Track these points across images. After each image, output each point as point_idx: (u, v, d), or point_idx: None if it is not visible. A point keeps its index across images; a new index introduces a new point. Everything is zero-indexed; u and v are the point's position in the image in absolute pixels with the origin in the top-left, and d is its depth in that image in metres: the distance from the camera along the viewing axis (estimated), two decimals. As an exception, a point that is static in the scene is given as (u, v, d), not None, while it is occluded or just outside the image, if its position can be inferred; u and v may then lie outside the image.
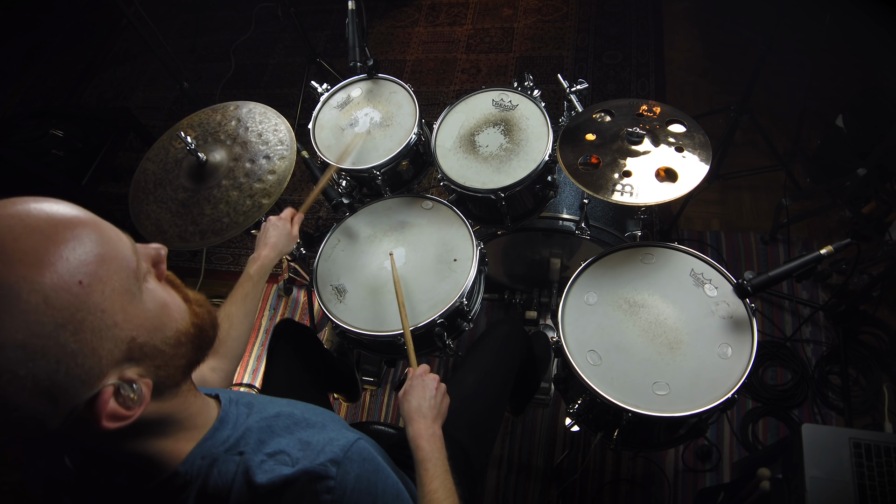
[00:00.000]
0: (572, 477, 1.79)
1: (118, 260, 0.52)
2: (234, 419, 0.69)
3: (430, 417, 1.02)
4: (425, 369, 1.10)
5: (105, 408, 0.50)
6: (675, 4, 2.97)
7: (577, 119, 1.42)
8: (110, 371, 0.51)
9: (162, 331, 0.56)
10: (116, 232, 0.54)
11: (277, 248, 1.25)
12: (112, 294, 0.51)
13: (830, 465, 1.19)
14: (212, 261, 2.55)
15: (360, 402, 2.04)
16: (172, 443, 0.63)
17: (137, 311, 0.53)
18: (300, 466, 0.65)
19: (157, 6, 3.63)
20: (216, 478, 0.63)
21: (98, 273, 0.50)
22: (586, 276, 1.33)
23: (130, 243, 0.55)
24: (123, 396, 0.52)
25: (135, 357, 0.53)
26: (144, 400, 0.54)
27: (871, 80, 2.31)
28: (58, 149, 2.34)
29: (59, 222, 0.49)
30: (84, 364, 0.48)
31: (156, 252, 0.60)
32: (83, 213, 0.52)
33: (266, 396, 0.86)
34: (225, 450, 0.65)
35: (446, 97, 2.88)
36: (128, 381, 0.52)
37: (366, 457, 0.71)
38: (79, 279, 0.48)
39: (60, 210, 0.51)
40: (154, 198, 1.45)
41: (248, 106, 1.55)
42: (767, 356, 1.88)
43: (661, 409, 1.11)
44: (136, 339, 0.53)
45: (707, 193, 2.28)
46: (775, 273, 1.17)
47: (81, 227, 0.50)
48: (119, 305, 0.51)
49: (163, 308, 0.57)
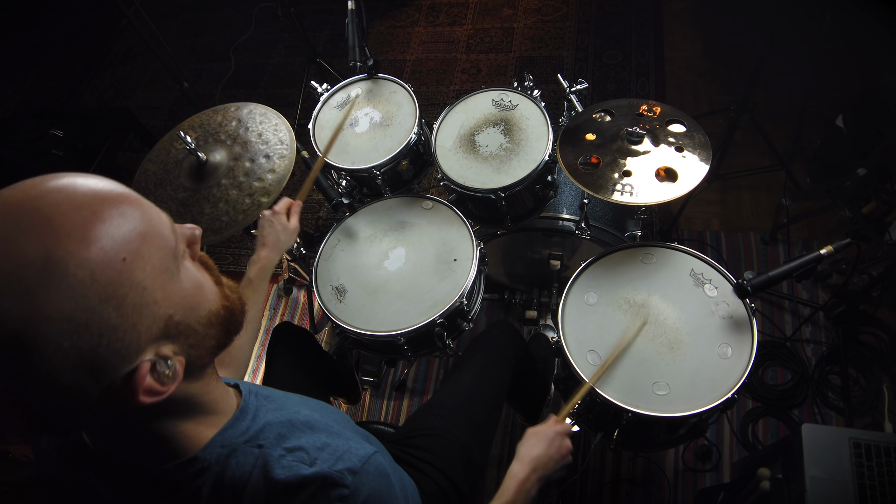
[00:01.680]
0: (572, 477, 1.79)
1: (159, 238, 0.53)
2: (254, 410, 0.70)
3: (538, 473, 1.01)
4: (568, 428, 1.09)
5: (142, 382, 0.51)
6: (675, 4, 2.97)
7: (577, 119, 1.42)
8: (148, 347, 0.52)
9: (196, 310, 0.57)
10: (157, 211, 0.55)
11: (277, 246, 1.22)
12: (153, 272, 0.51)
13: (830, 465, 1.19)
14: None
15: (361, 402, 2.04)
16: (194, 426, 0.63)
17: (175, 289, 0.54)
18: (317, 469, 0.65)
19: (157, 6, 3.63)
20: (234, 468, 0.64)
21: (140, 250, 0.50)
22: (586, 276, 1.33)
23: (170, 223, 0.56)
24: (159, 372, 0.53)
25: (171, 335, 0.54)
26: (178, 377, 0.55)
27: (871, 80, 2.31)
28: (58, 149, 2.35)
29: (104, 198, 0.50)
30: (124, 339, 0.49)
31: (191, 232, 0.61)
32: (127, 190, 0.53)
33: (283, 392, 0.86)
34: (245, 441, 0.66)
35: (446, 97, 2.88)
36: (163, 358, 0.53)
37: (381, 472, 0.71)
38: (123, 256, 0.49)
39: (105, 186, 0.52)
40: (154, 198, 1.45)
41: (249, 107, 1.55)
42: (767, 356, 1.88)
43: (661, 409, 1.11)
44: (173, 318, 0.54)
45: (707, 193, 2.28)
46: (775, 273, 1.17)
47: (125, 204, 0.51)
48: (159, 283, 0.52)
49: (198, 288, 0.58)
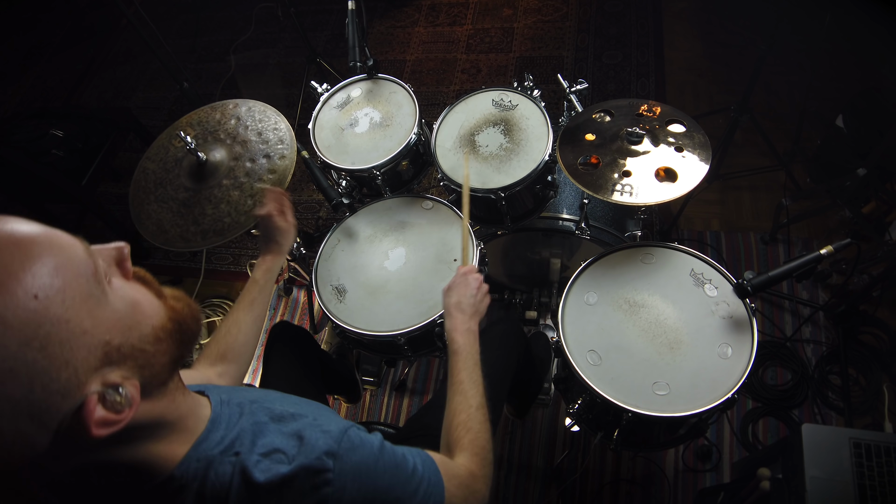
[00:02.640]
0: (572, 477, 1.79)
1: (73, 266, 0.50)
2: (226, 419, 0.69)
3: (468, 313, 1.07)
4: (472, 268, 1.16)
5: (92, 416, 0.49)
6: (675, 4, 2.97)
7: (577, 119, 1.42)
8: (90, 379, 0.50)
9: (137, 329, 0.55)
10: (66, 238, 0.52)
11: (280, 248, 1.23)
12: (73, 302, 0.49)
13: (830, 465, 1.19)
14: (212, 261, 2.55)
15: (360, 402, 2.04)
16: (166, 446, 0.62)
17: (106, 313, 0.52)
18: (297, 463, 0.65)
19: (157, 6, 3.63)
20: (213, 479, 0.63)
21: (53, 284, 0.48)
22: (586, 276, 1.33)
23: (83, 246, 0.53)
24: (110, 401, 0.51)
25: (114, 360, 0.52)
26: (134, 401, 0.53)
27: (871, 80, 2.31)
28: (58, 149, 2.34)
29: (2, 240, 0.48)
30: (59, 377, 0.47)
31: (117, 251, 0.58)
32: (27, 226, 0.50)
33: (258, 390, 0.86)
34: (220, 451, 0.65)
35: (446, 97, 2.88)
36: (112, 385, 0.51)
37: (359, 443, 0.71)
38: (34, 293, 0.46)
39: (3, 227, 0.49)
40: (155, 197, 1.45)
41: (248, 104, 1.55)
42: (767, 356, 1.88)
43: (661, 409, 1.11)
44: (111, 342, 0.52)
45: (707, 193, 2.28)
46: (775, 273, 1.17)
47: (28, 240, 0.49)
48: (84, 311, 0.50)
49: (134, 306, 0.56)
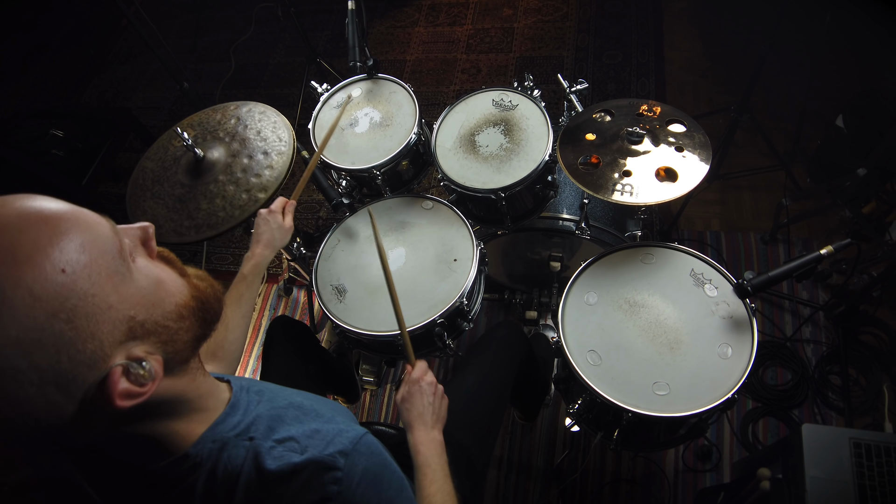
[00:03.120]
0: (572, 477, 1.79)
1: (99, 243, 0.52)
2: (244, 405, 0.70)
3: (429, 423, 1.02)
4: (422, 370, 1.09)
5: (116, 387, 0.51)
6: (675, 4, 2.97)
7: (577, 119, 1.42)
8: (115, 352, 0.52)
9: (161, 306, 0.56)
10: (94, 216, 0.54)
11: (272, 244, 1.22)
12: (99, 277, 0.51)
13: (830, 465, 1.19)
14: (212, 261, 2.55)
15: (360, 402, 2.04)
16: (184, 424, 0.63)
17: (130, 289, 0.54)
18: (308, 455, 0.65)
19: (157, 6, 3.63)
20: (226, 462, 0.64)
21: (80, 259, 0.50)
22: (586, 276, 1.33)
23: (110, 224, 0.55)
24: (134, 374, 0.53)
25: (138, 335, 0.54)
26: (157, 376, 0.55)
27: (871, 80, 2.31)
28: (58, 149, 2.35)
29: (31, 216, 0.49)
30: (85, 349, 0.49)
31: (142, 231, 0.60)
32: (55, 204, 0.52)
33: (275, 385, 0.86)
34: (235, 434, 0.66)
35: (446, 97, 2.88)
36: (136, 359, 0.53)
37: (374, 451, 0.72)
38: (61, 268, 0.48)
39: (33, 205, 0.51)
40: (151, 194, 1.45)
41: (248, 105, 1.55)
42: (767, 356, 1.88)
43: (661, 409, 1.11)
44: (136, 318, 0.53)
45: (707, 193, 2.28)
46: (775, 273, 1.17)
47: (55, 217, 0.50)
48: (110, 287, 0.51)
49: (158, 284, 0.57)
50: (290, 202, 1.31)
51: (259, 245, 1.21)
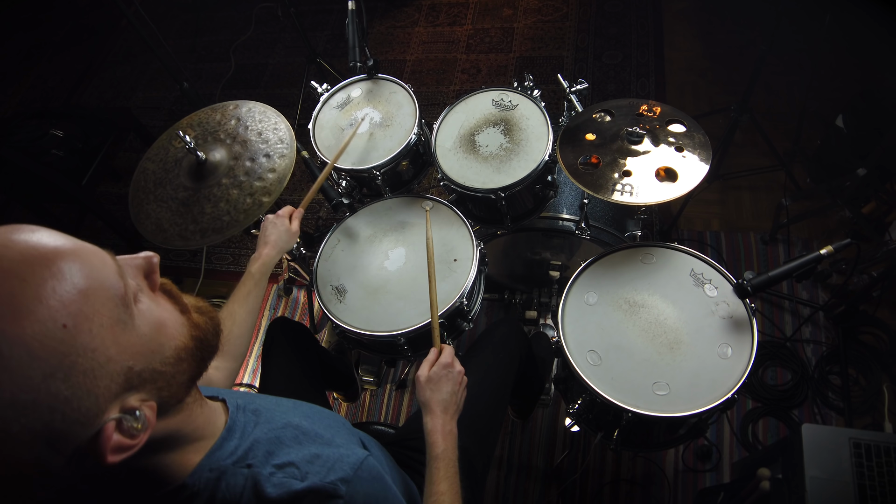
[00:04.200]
0: (572, 477, 1.79)
1: (104, 290, 0.48)
2: (241, 428, 0.69)
3: (451, 413, 0.98)
4: (452, 356, 1.04)
5: (109, 443, 0.48)
6: (675, 4, 2.97)
7: (577, 119, 1.42)
8: (109, 406, 0.49)
9: (160, 352, 0.53)
10: (99, 256, 0.50)
11: (278, 245, 1.24)
12: (101, 330, 0.47)
13: (830, 466, 1.19)
14: (212, 261, 2.55)
15: (360, 402, 2.04)
16: (180, 455, 0.62)
17: (131, 339, 0.50)
18: (309, 482, 0.64)
19: (157, 6, 3.63)
20: (224, 491, 0.63)
21: (83, 311, 0.46)
22: (586, 276, 1.33)
23: (115, 265, 0.51)
24: (127, 427, 0.50)
25: (134, 385, 0.51)
26: (150, 424, 0.52)
27: (871, 80, 2.31)
28: (58, 149, 2.34)
29: (34, 260, 0.45)
30: (80, 407, 0.46)
31: (146, 262, 0.56)
32: (59, 242, 0.48)
33: (272, 399, 0.85)
34: (233, 462, 0.65)
35: (446, 97, 2.88)
36: (130, 410, 0.50)
37: (375, 476, 0.71)
38: (62, 323, 0.45)
39: (34, 243, 0.46)
40: (154, 197, 1.45)
41: (248, 105, 1.55)
42: (767, 356, 1.88)
43: (661, 409, 1.11)
44: (133, 368, 0.50)
45: (707, 193, 2.28)
46: (775, 273, 1.17)
47: (59, 260, 0.47)
48: (110, 339, 0.48)
49: (159, 329, 0.54)
50: (298, 210, 1.33)
51: (266, 246, 1.23)
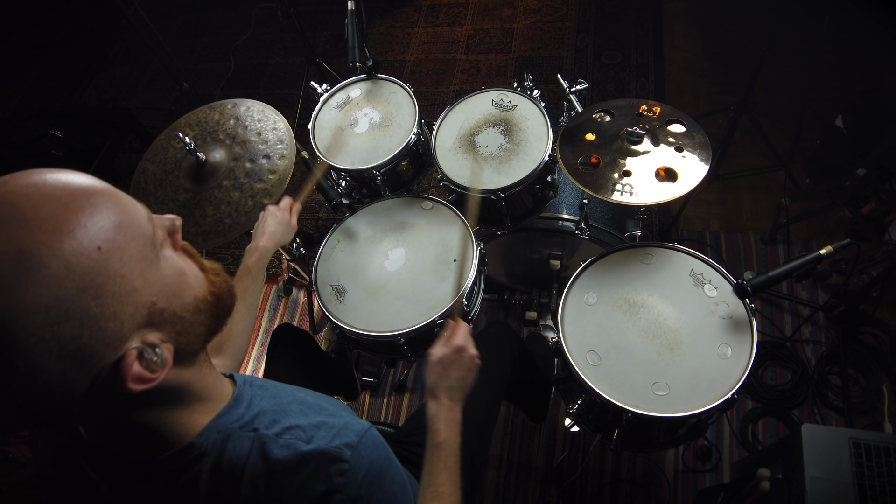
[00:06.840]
0: (572, 477, 1.79)
1: (135, 227, 0.53)
2: (248, 398, 0.70)
3: (457, 399, 0.94)
4: (466, 337, 0.99)
5: (130, 370, 0.52)
6: (675, 4, 2.97)
7: (577, 119, 1.42)
8: (133, 335, 0.52)
9: (180, 297, 0.58)
10: (132, 201, 0.56)
11: (275, 237, 1.22)
12: (130, 260, 0.52)
13: (830, 466, 1.19)
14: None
15: (360, 402, 2.04)
16: (188, 414, 0.63)
17: (156, 277, 0.55)
18: (314, 445, 0.65)
19: (156, 6, 3.63)
20: (231, 452, 0.64)
21: (116, 239, 0.51)
22: (586, 276, 1.33)
23: (146, 212, 0.57)
24: (147, 360, 0.53)
25: (156, 322, 0.55)
26: (167, 364, 0.55)
27: (871, 80, 2.31)
28: (58, 149, 2.34)
29: (75, 191, 0.51)
30: (107, 327, 0.50)
31: (171, 222, 0.61)
32: (99, 183, 0.54)
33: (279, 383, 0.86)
34: (240, 426, 0.66)
35: (446, 97, 2.88)
36: (150, 345, 0.54)
37: (379, 445, 0.72)
38: (98, 245, 0.49)
39: (77, 179, 0.52)
40: (155, 199, 1.45)
41: (246, 104, 1.55)
42: (767, 356, 1.88)
43: (661, 409, 1.11)
44: (156, 305, 0.54)
45: (707, 193, 2.28)
46: (775, 273, 1.17)
47: (98, 195, 0.52)
48: (138, 271, 0.53)
49: (180, 275, 0.58)
50: (297, 204, 1.32)
51: (263, 237, 1.20)
